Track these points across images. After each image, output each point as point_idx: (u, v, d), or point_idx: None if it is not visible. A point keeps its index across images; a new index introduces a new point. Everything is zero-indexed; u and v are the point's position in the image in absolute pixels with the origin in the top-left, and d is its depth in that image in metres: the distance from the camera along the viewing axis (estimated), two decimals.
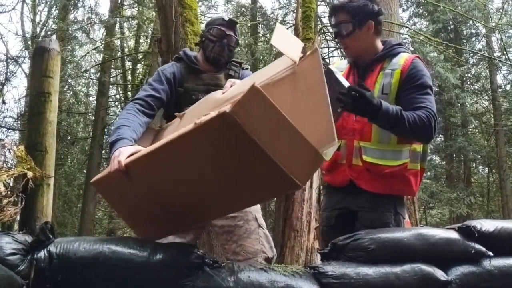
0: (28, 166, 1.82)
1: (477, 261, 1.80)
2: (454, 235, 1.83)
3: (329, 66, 2.00)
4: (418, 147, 2.12)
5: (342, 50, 2.27)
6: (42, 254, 1.51)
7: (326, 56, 12.77)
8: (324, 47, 12.49)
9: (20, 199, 1.82)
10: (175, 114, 2.05)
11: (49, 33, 12.36)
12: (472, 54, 13.34)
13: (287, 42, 1.58)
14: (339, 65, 2.32)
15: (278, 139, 1.36)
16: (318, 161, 1.48)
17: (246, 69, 2.41)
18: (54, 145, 2.11)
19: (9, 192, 1.78)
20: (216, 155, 1.42)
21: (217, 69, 2.30)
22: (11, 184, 1.85)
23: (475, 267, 1.78)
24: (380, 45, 2.20)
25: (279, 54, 2.42)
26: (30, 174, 1.81)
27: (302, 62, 1.54)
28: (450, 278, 1.74)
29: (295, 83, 1.54)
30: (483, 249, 1.80)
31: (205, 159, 1.45)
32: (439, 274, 1.73)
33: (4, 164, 1.82)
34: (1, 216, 1.67)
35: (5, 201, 1.75)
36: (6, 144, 1.84)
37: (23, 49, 12.04)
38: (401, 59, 2.11)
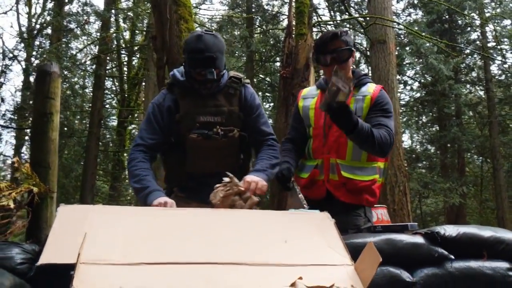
0: (34, 182, 2.00)
1: (440, 264, 1.93)
2: (420, 240, 1.96)
3: (294, 185, 2.28)
4: (382, 164, 2.40)
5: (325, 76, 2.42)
6: None
7: None
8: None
9: (27, 213, 1.99)
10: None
11: (44, 25, 12.39)
12: (467, 44, 13.39)
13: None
14: (308, 92, 2.54)
15: None
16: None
17: (248, 83, 2.35)
18: (56, 161, 2.32)
19: (17, 208, 1.95)
20: None
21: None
22: (19, 199, 2.02)
23: (438, 269, 1.92)
24: (350, 74, 2.41)
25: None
26: (35, 189, 2.00)
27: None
28: (415, 279, 1.88)
29: None
30: (446, 252, 1.94)
31: None
32: (405, 276, 1.87)
33: (14, 183, 2.01)
34: (12, 228, 1.84)
35: (14, 217, 1.92)
36: (15, 163, 2.01)
37: (19, 42, 12.10)
38: (370, 88, 2.38)
